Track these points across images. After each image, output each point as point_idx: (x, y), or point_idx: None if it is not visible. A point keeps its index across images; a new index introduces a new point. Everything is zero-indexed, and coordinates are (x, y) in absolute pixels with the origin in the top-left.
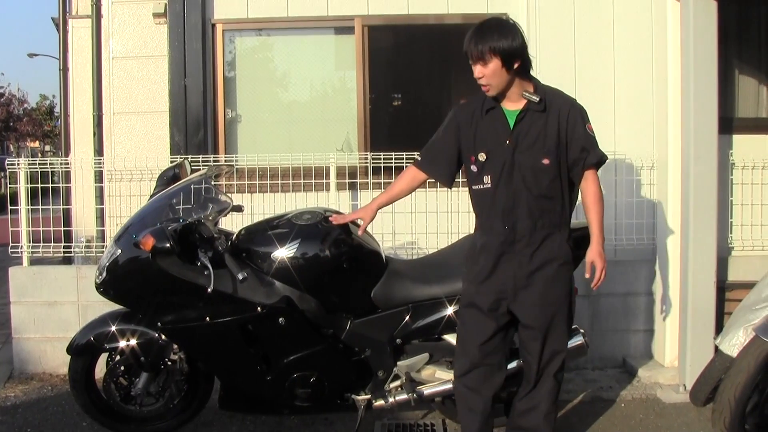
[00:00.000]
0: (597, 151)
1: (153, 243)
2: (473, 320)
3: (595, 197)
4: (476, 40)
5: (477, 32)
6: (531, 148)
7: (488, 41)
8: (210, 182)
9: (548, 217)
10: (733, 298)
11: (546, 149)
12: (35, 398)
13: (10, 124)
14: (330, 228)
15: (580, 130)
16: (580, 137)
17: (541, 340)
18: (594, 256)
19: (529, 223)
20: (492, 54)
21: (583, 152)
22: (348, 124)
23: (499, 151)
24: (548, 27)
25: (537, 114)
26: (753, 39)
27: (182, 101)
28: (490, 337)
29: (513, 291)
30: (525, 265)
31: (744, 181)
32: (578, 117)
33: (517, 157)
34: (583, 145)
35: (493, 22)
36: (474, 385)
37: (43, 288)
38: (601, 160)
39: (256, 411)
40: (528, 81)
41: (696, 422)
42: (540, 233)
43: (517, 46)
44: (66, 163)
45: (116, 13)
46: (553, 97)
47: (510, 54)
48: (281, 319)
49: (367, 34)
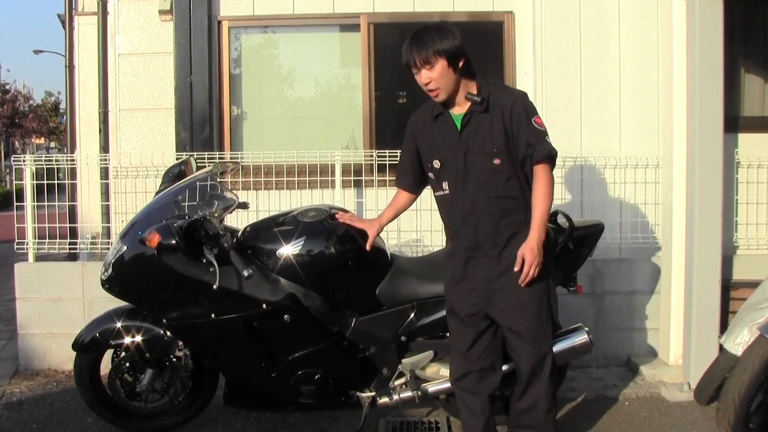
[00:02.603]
0: (544, 146)
1: (158, 240)
2: (455, 328)
3: (540, 193)
4: (418, 45)
5: (416, 39)
6: (481, 150)
7: (430, 44)
8: (215, 179)
9: (510, 216)
10: (737, 296)
11: (496, 149)
12: (40, 394)
13: (16, 121)
14: (335, 225)
15: (524, 125)
16: (525, 133)
17: (525, 342)
18: (524, 250)
19: (490, 226)
20: (437, 56)
21: (529, 148)
22: (353, 122)
23: (452, 157)
24: (554, 25)
25: (481, 115)
26: (759, 37)
27: (188, 98)
28: (473, 343)
29: (486, 295)
30: (494, 267)
31: (749, 180)
32: (522, 112)
33: (469, 161)
34: (527, 141)
35: (430, 26)
36: (470, 387)
37: (48, 284)
38: (549, 155)
39: (260, 408)
40: (472, 81)
41: (700, 421)
42: (504, 234)
43: (458, 45)
44: (72, 160)
45: (122, 10)
46: (496, 96)
47: (454, 53)
48: (286, 316)
49: (373, 31)
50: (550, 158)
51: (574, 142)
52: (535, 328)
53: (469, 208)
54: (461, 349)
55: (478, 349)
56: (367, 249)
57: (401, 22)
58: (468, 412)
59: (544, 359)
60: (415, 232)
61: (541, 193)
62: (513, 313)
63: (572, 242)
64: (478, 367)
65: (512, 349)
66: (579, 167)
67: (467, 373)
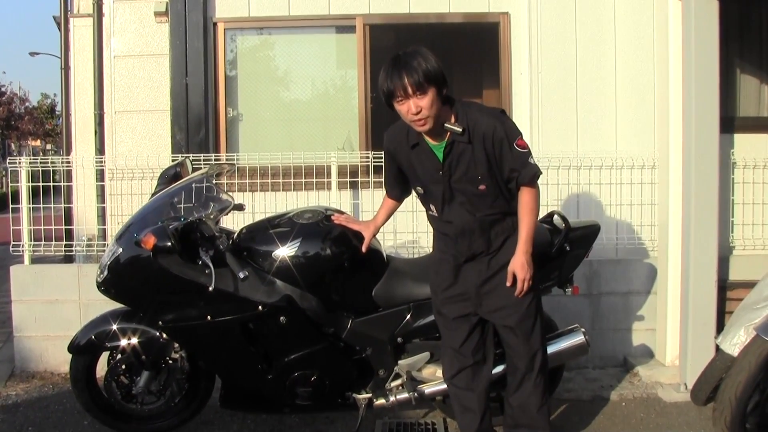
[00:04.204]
0: (528, 169)
1: (154, 242)
2: (445, 328)
3: (525, 209)
4: (406, 71)
5: (400, 65)
6: (464, 177)
7: (419, 69)
8: (211, 181)
9: (500, 225)
10: (734, 297)
11: (480, 176)
12: (36, 397)
13: (12, 123)
14: (331, 227)
15: (506, 152)
16: (508, 158)
17: (518, 336)
18: (515, 266)
19: (483, 239)
20: (428, 82)
21: (513, 172)
22: (349, 123)
23: (435, 185)
24: (550, 26)
25: (463, 144)
26: (754, 38)
27: (184, 100)
28: (465, 340)
29: (476, 299)
30: (483, 272)
31: (745, 180)
32: (503, 137)
33: (454, 186)
34: (511, 167)
35: (407, 53)
36: (465, 384)
37: (44, 286)
38: (533, 177)
39: (256, 410)
40: (447, 108)
41: (697, 421)
42: (497, 241)
43: (441, 69)
44: (67, 162)
45: (118, 12)
46: (475, 123)
47: (442, 78)
48: (282, 318)
49: (369, 33)
50: (534, 179)
51: (569, 143)
52: (526, 324)
53: (460, 228)
54: (453, 346)
55: (470, 344)
56: (363, 251)
57: (397, 24)
58: (463, 409)
59: (535, 355)
60: (410, 234)
61: (527, 209)
62: (504, 312)
63: (568, 243)
64: (471, 361)
65: (507, 345)
66: (575, 168)
67: (461, 369)
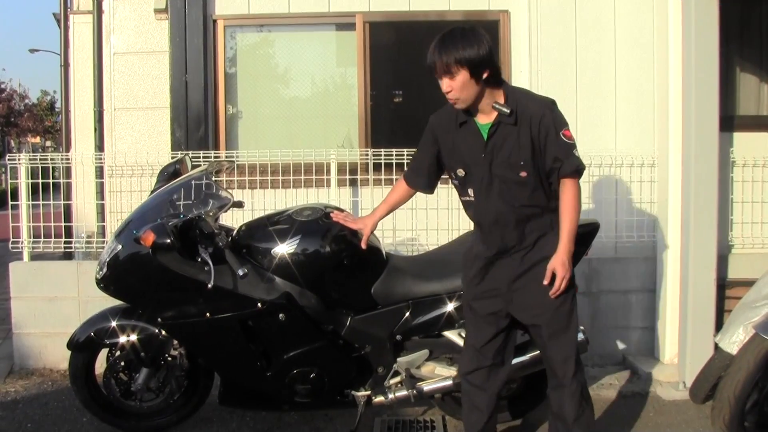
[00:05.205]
0: (572, 161)
1: (153, 239)
2: (472, 324)
3: (568, 205)
4: (440, 51)
5: (440, 44)
6: (507, 162)
7: (453, 52)
8: (210, 178)
9: (536, 221)
10: (733, 295)
11: (522, 162)
12: (35, 393)
13: (11, 120)
14: (330, 224)
15: (552, 139)
16: (553, 147)
17: (547, 339)
18: (555, 264)
19: (516, 232)
20: (459, 65)
21: (557, 162)
22: (349, 121)
23: (476, 166)
24: (550, 24)
25: (509, 127)
26: (754, 37)
27: (183, 97)
28: (491, 339)
29: (508, 294)
30: (516, 267)
31: (744, 179)
32: (551, 125)
33: (495, 171)
34: (555, 155)
35: (456, 31)
36: (479, 382)
37: (43, 283)
38: (577, 170)
39: (255, 407)
40: (498, 89)
41: (695, 420)
42: (530, 237)
43: (483, 54)
44: (67, 159)
45: (117, 9)
46: (525, 107)
47: (477, 64)
48: (281, 315)
49: (368, 30)
50: (577, 172)
51: None
52: (557, 324)
53: (494, 217)
54: (475, 344)
55: (492, 346)
56: (362, 247)
57: (397, 21)
58: (471, 407)
59: (567, 360)
60: (410, 231)
61: (569, 206)
62: (534, 310)
63: None
64: (490, 362)
65: (539, 347)
66: None
67: (478, 368)
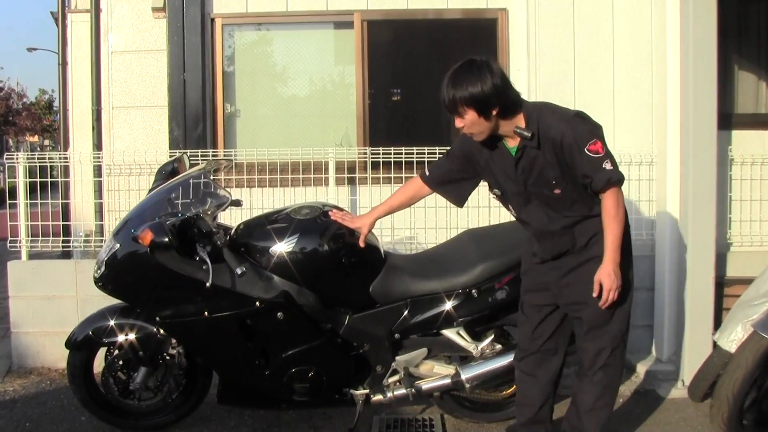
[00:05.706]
0: (601, 175)
1: (151, 237)
2: (522, 310)
3: (608, 216)
4: (447, 91)
5: (449, 81)
6: (539, 182)
7: (459, 92)
8: (209, 177)
9: (583, 224)
10: (731, 293)
11: (554, 181)
12: (34, 392)
13: (9, 119)
14: (328, 223)
15: (577, 157)
16: (579, 164)
17: (585, 331)
18: (602, 276)
19: (566, 237)
20: (465, 106)
21: (586, 179)
22: (347, 119)
23: (511, 187)
24: (548, 22)
25: (533, 150)
26: (752, 35)
27: (181, 96)
28: (535, 327)
29: (556, 289)
30: (568, 265)
31: (743, 177)
32: (573, 144)
33: (530, 189)
34: (583, 172)
35: (465, 67)
36: (529, 370)
37: (41, 282)
38: (608, 182)
39: (254, 405)
40: (517, 115)
41: (694, 417)
42: (582, 239)
43: (488, 90)
44: (65, 158)
45: (115, 8)
46: (546, 127)
47: (483, 102)
48: (279, 314)
49: (367, 29)
50: (610, 184)
51: None
52: (598, 321)
53: (541, 228)
54: (526, 331)
55: (540, 332)
56: (360, 245)
57: (395, 20)
58: (522, 397)
59: (600, 353)
60: (409, 230)
61: (609, 216)
62: (580, 306)
63: None
64: (536, 348)
65: (576, 336)
66: None
67: (527, 354)
